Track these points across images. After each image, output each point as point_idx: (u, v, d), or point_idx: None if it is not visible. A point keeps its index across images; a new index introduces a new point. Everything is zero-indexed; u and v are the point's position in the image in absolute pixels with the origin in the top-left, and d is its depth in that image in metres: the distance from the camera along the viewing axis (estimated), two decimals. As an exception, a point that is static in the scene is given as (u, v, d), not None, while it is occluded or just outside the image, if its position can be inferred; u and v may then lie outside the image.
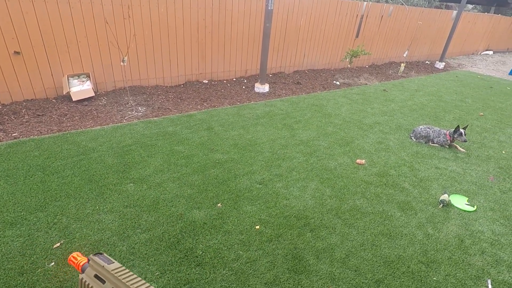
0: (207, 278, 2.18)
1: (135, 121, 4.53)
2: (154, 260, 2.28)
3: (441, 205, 3.19)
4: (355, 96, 6.67)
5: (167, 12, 5.53)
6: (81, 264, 1.15)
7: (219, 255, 2.37)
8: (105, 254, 1.20)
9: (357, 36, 8.84)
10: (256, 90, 6.37)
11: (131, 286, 1.02)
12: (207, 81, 6.61)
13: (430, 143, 4.60)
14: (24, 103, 4.72)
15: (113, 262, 1.15)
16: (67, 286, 2.05)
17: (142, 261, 2.26)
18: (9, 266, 2.15)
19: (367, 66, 9.75)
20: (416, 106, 6.40)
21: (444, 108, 6.43)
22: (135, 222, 2.62)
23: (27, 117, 4.38)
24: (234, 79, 6.99)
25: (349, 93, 6.88)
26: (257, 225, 2.70)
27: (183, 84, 6.31)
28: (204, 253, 2.37)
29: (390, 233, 2.76)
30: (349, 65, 9.03)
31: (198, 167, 3.48)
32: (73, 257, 1.15)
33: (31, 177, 3.08)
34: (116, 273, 1.08)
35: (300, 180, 3.42)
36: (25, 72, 4.67)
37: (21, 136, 3.89)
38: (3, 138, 3.83)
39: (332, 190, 3.29)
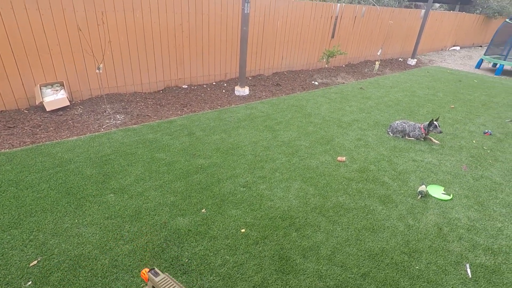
0: (194, 286, 2.15)
1: (113, 130, 4.42)
2: (138, 272, 2.23)
3: (420, 196, 3.30)
4: (333, 95, 6.81)
5: (142, 17, 5.45)
6: (147, 277, 1.54)
7: (206, 261, 2.35)
8: (156, 269, 1.61)
9: (332, 36, 9.04)
10: (236, 93, 6.37)
11: None
12: (186, 86, 6.55)
13: (407, 137, 4.76)
14: (-7, 116, 4.50)
15: (159, 275, 1.55)
16: (47, 304, 1.96)
17: (126, 273, 2.21)
18: (-18, 288, 2.04)
19: (344, 66, 9.98)
20: (392, 102, 6.60)
21: (418, 103, 6.67)
22: (117, 234, 2.55)
23: (-3, 130, 4.18)
24: (214, 83, 6.96)
25: (327, 92, 7.01)
26: (242, 229, 2.69)
27: (162, 90, 6.22)
28: (190, 261, 2.34)
29: (373, 226, 2.83)
30: (326, 65, 9.21)
31: (181, 174, 3.44)
32: (143, 272, 1.58)
33: (3, 192, 2.94)
34: (160, 283, 1.49)
35: (284, 181, 3.44)
36: (-8, 84, 4.46)
37: (-9, 151, 3.70)
38: (-29, 153, 3.63)
39: (315, 189, 3.34)
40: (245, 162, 3.77)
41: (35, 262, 2.25)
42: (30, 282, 2.10)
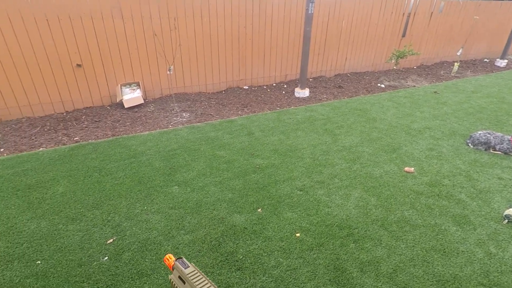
0: (247, 283, 2.19)
1: (180, 127, 4.75)
2: (197, 262, 2.35)
3: (506, 220, 2.87)
4: (402, 99, 6.31)
5: (209, 22, 5.75)
6: (172, 264, 1.43)
7: (259, 260, 2.37)
8: (183, 259, 1.46)
9: (403, 35, 8.38)
10: (296, 95, 6.32)
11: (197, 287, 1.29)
12: (247, 87, 6.72)
13: (491, 150, 4.18)
14: (84, 110, 5.20)
15: (189, 266, 1.41)
16: (118, 280, 2.19)
17: (186, 262, 2.34)
18: (70, 257, 2.36)
19: (415, 67, 9.19)
20: (473, 109, 5.86)
21: (507, 111, 5.80)
22: (179, 224, 2.73)
23: (86, 123, 4.81)
24: (274, 84, 7.01)
25: (395, 96, 6.53)
26: (297, 233, 2.66)
27: (224, 91, 6.48)
28: (244, 258, 2.39)
29: (444, 249, 2.55)
30: (395, 67, 8.59)
31: (239, 172, 3.53)
32: (167, 258, 1.45)
33: (89, 177, 3.37)
34: (189, 276, 1.35)
35: (343, 188, 3.30)
36: (85, 83, 5.15)
37: (81, 140, 4.27)
38: (66, 141, 4.24)
39: (377, 200, 3.13)
40: (303, 165, 3.72)
41: (111, 240, 2.53)
42: (106, 258, 2.37)
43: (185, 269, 1.37)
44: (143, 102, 5.38)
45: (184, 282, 1.36)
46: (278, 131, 4.64)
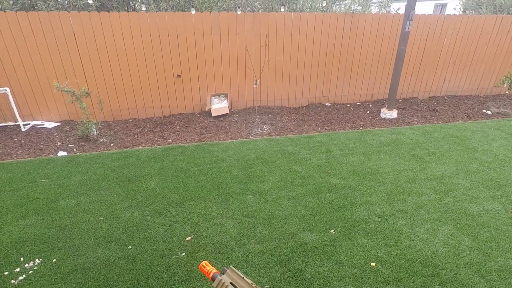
0: (314, 305, 2.11)
1: (259, 138, 4.93)
2: (265, 273, 2.37)
3: None
4: (514, 129, 5.36)
5: (298, 39, 5.89)
6: (211, 272, 1.30)
7: (328, 284, 2.27)
8: (232, 267, 1.30)
9: (522, 55, 7.16)
10: (382, 115, 5.95)
11: None
12: (329, 104, 6.61)
13: None
14: (178, 116, 5.85)
15: (243, 278, 1.22)
16: (192, 276, 2.36)
17: (254, 271, 2.39)
18: (154, 247, 2.65)
19: (535, 93, 7.71)
20: None
21: None
22: (251, 232, 2.81)
23: (178, 127, 5.39)
24: (359, 103, 6.74)
25: (505, 125, 5.58)
26: (372, 262, 2.46)
27: (305, 106, 6.50)
28: (313, 278, 2.32)
29: None
30: (507, 92, 7.37)
31: (314, 189, 3.47)
32: (203, 265, 1.32)
33: (176, 177, 3.75)
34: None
35: (430, 221, 2.94)
36: (181, 91, 5.81)
37: (173, 142, 4.80)
38: (161, 142, 4.82)
39: (473, 241, 2.69)
40: (384, 190, 3.45)
41: (189, 238, 2.75)
42: (184, 253, 2.58)
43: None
44: (228, 112, 5.78)
45: None
46: (358, 151, 4.43)
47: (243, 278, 1.17)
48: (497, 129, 5.36)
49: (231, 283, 1.21)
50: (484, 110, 6.42)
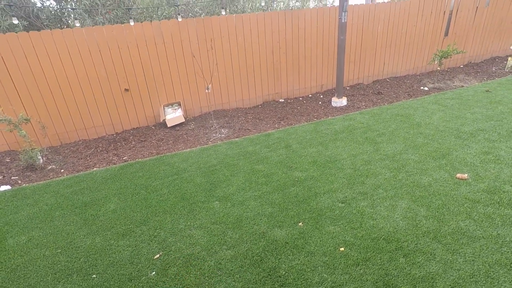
0: (292, 300, 2.14)
1: (219, 143, 4.89)
2: (239, 277, 2.36)
3: None
4: (449, 101, 5.90)
5: (244, 40, 5.93)
6: None
7: (303, 276, 2.31)
8: None
9: (446, 34, 7.90)
10: (333, 104, 6.21)
11: None
12: (283, 100, 6.75)
13: (560, 152, 3.71)
14: (131, 131, 5.59)
15: None
16: (165, 295, 2.27)
17: (228, 277, 2.37)
18: (121, 272, 2.50)
19: (462, 66, 8.57)
20: (535, 107, 5.28)
21: None
22: (221, 239, 2.78)
23: (133, 142, 5.16)
24: (310, 96, 6.97)
25: (441, 98, 6.12)
26: (341, 247, 2.56)
27: (260, 105, 6.57)
28: (287, 274, 2.35)
29: (511, 263, 2.28)
30: (439, 68, 8.09)
31: (278, 186, 3.52)
32: None
33: (137, 194, 3.58)
34: None
35: (388, 199, 3.13)
36: (132, 105, 5.56)
37: (129, 159, 4.58)
38: (116, 161, 4.57)
39: (427, 210, 2.92)
40: (344, 176, 3.60)
41: (158, 255, 2.64)
42: (154, 272, 2.47)
43: None
44: (184, 120, 5.65)
45: None
46: (316, 142, 4.58)
47: None
48: (434, 103, 5.86)
49: None
50: (422, 87, 6.98)
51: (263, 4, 6.46)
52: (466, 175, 3.39)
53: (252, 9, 7.08)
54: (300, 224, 2.87)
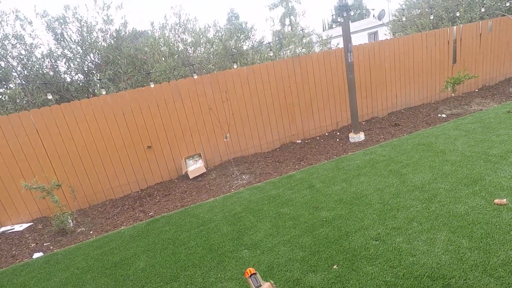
0: None
1: (241, 189, 4.90)
2: (278, 331, 2.21)
3: None
4: (470, 125, 5.78)
5: (256, 88, 6.24)
6: (249, 272, 1.46)
7: (346, 325, 2.14)
8: (257, 275, 1.47)
9: (454, 62, 8.02)
10: (351, 140, 6.21)
11: None
12: (300, 141, 6.83)
13: None
14: (155, 186, 5.73)
15: (260, 285, 1.42)
16: None
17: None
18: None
19: (476, 90, 8.52)
20: None
21: None
22: (254, 289, 2.66)
23: (158, 197, 5.26)
24: (327, 134, 7.03)
25: (461, 123, 6.02)
26: (383, 289, 2.39)
27: (278, 148, 6.66)
28: (328, 323, 2.19)
29: None
30: (453, 94, 8.08)
31: (306, 228, 3.43)
32: (247, 271, 1.47)
33: (165, 249, 3.56)
34: None
35: (424, 232, 2.97)
36: (154, 161, 5.77)
37: (155, 214, 4.64)
38: (143, 217, 4.64)
39: (470, 241, 2.73)
40: (373, 212, 3.48)
41: (190, 313, 2.54)
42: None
43: (256, 287, 1.41)
44: (205, 170, 5.77)
45: None
46: (339, 179, 4.51)
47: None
48: (455, 128, 5.75)
49: None
50: (439, 115, 6.92)
51: (271, 54, 6.88)
52: (505, 200, 3.20)
53: (261, 59, 7.55)
54: (335, 267, 2.73)
